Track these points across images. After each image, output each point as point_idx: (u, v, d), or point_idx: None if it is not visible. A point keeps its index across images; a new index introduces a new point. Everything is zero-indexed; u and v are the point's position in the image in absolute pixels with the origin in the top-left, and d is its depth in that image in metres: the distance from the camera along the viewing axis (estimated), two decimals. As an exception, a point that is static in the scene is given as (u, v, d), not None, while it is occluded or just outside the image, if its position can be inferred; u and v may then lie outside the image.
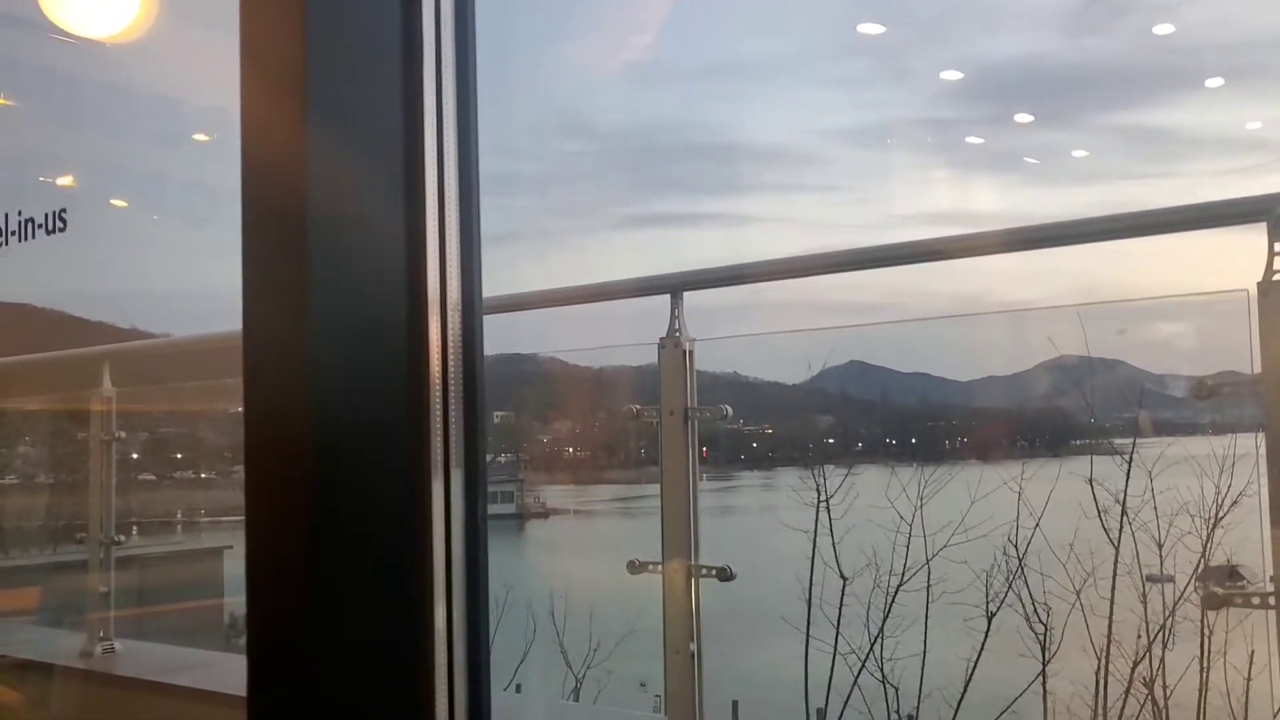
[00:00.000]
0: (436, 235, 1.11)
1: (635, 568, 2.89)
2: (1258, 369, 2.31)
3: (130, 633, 4.07)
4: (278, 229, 1.05)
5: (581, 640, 9.28)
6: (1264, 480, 2.30)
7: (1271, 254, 2.19)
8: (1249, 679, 5.99)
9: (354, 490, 1.06)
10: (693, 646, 2.82)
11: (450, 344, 1.11)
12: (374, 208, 1.09)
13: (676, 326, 2.91)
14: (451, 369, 1.11)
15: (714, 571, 2.81)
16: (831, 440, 15.30)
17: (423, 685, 1.07)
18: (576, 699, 9.48)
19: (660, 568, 2.85)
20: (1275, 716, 2.16)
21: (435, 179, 1.11)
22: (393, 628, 1.08)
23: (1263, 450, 2.32)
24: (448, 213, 1.12)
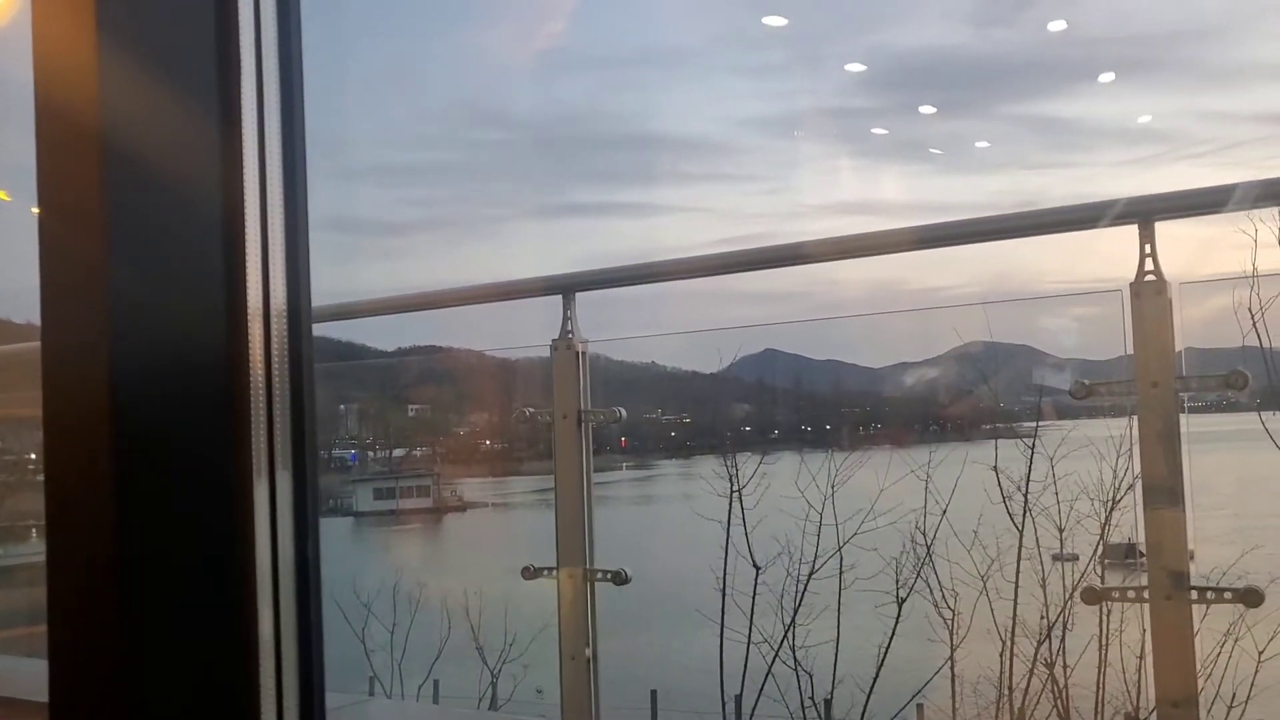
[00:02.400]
0: (258, 235, 1.06)
1: (531, 573, 2.86)
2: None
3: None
4: (74, 217, 1.00)
5: (496, 636, 9.23)
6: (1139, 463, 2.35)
7: (1143, 255, 2.23)
8: (1141, 657, 6.18)
9: (164, 497, 1.02)
10: (588, 652, 2.80)
11: (275, 348, 1.07)
12: (186, 201, 1.04)
13: (569, 328, 2.87)
14: (276, 374, 1.07)
15: (609, 576, 2.79)
16: (747, 428, 15.44)
17: (247, 692, 1.04)
18: (494, 693, 9.46)
19: (555, 573, 2.82)
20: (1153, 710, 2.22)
21: (256, 171, 1.06)
22: (211, 634, 1.04)
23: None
24: (270, 208, 1.07)
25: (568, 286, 2.89)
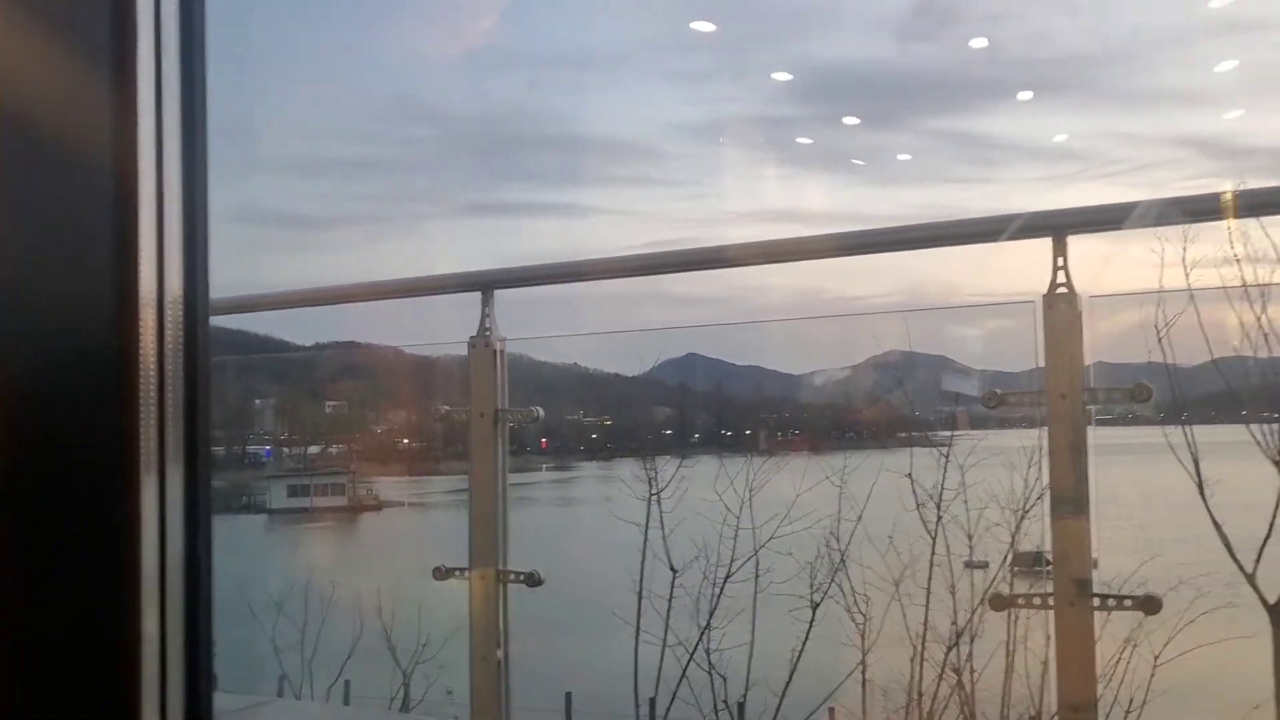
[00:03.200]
0: (153, 216, 1.01)
1: (442, 574, 2.81)
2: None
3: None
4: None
5: (409, 636, 9.12)
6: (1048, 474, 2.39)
7: (1055, 269, 2.27)
8: (1045, 662, 6.33)
9: (42, 490, 0.97)
10: (500, 653, 2.77)
11: (169, 337, 1.03)
12: (74, 178, 0.99)
13: (487, 325, 2.83)
14: (169, 363, 1.03)
15: (522, 577, 2.76)
16: (668, 431, 15.51)
17: (127, 695, 1.00)
18: (406, 694, 9.34)
19: (467, 574, 2.78)
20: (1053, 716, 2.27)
21: (153, 149, 1.01)
22: (90, 635, 0.99)
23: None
24: (167, 189, 1.02)
25: (486, 284, 2.85)
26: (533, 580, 2.75)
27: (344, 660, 9.43)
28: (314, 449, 18.03)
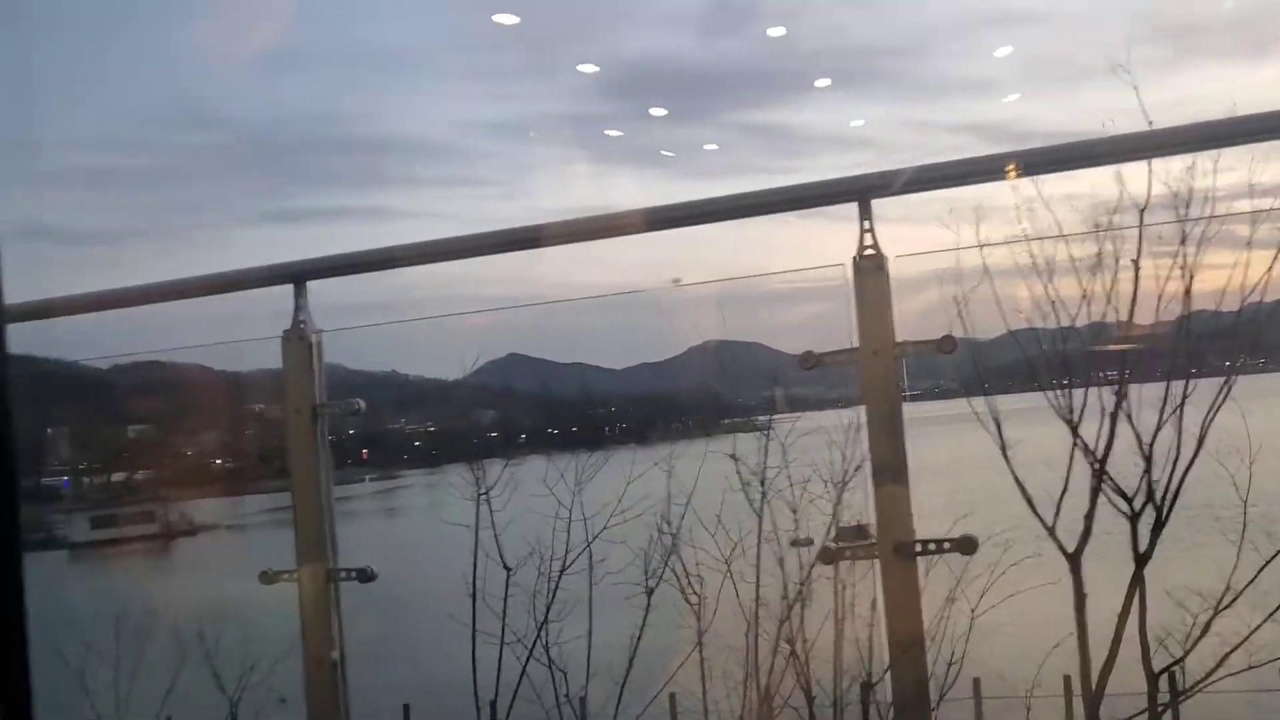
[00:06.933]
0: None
1: (269, 577, 2.70)
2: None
3: None
4: None
5: (235, 664, 8.74)
6: (866, 439, 2.48)
7: (862, 231, 2.35)
8: (871, 625, 6.59)
9: None
10: (335, 655, 2.67)
11: None
12: None
13: (301, 317, 2.74)
14: None
15: (354, 574, 2.67)
16: (494, 434, 15.37)
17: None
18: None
19: (296, 575, 2.67)
20: (886, 670, 2.36)
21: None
22: None
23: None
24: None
25: (299, 274, 2.75)
26: (366, 576, 2.67)
27: (164, 696, 8.96)
28: (118, 476, 17.02)
